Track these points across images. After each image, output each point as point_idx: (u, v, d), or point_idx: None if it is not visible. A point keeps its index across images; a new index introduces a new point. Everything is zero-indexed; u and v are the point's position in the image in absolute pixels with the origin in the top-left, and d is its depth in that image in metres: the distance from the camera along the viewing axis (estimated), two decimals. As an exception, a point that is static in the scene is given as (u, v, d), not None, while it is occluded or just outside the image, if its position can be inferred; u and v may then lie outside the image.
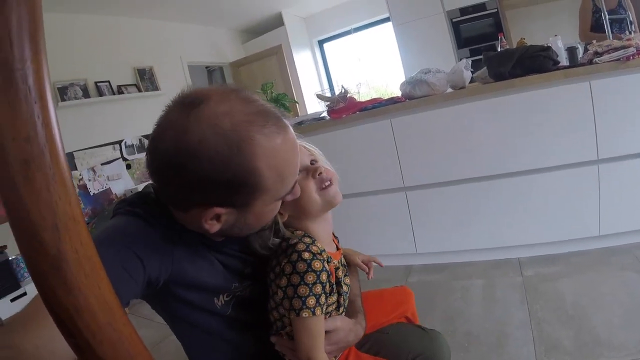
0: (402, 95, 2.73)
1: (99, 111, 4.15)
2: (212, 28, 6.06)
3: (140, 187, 0.99)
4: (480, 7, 5.13)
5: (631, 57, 2.14)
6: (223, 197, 0.71)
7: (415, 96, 2.60)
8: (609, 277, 2.14)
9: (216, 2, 5.26)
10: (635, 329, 1.73)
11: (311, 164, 0.92)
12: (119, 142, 4.29)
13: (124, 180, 4.21)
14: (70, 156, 3.73)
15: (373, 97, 3.13)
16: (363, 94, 5.94)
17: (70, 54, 3.97)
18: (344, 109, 2.77)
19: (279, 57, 6.17)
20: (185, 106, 0.68)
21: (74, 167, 3.78)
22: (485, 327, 2.01)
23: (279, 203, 0.81)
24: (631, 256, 2.26)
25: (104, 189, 3.94)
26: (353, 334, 0.95)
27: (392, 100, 2.74)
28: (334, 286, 0.89)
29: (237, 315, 0.91)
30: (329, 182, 0.90)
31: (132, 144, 4.39)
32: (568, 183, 2.39)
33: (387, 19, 5.88)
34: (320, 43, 7.14)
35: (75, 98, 3.97)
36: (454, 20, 5.27)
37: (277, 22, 6.35)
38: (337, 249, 1.02)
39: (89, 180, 3.84)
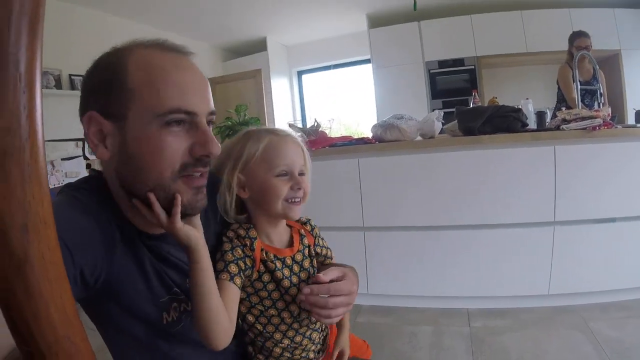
0: (373, 136, 2.77)
1: (68, 104, 3.99)
2: (195, 41, 6.05)
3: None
4: (459, 62, 5.39)
5: (597, 128, 2.26)
6: (99, 97, 0.72)
7: (386, 139, 2.64)
8: (555, 335, 2.18)
9: (206, 17, 5.29)
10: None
11: (299, 174, 0.94)
12: (83, 140, 4.15)
13: (81, 180, 4.05)
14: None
15: (344, 135, 3.15)
16: (334, 130, 6.02)
17: (51, 41, 3.85)
18: (315, 142, 2.76)
19: (256, 80, 6.19)
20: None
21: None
22: (429, 374, 2.00)
23: (164, 139, 0.70)
24: (578, 317, 2.32)
25: (60, 184, 3.79)
26: (351, 281, 0.93)
27: (362, 141, 2.77)
28: (262, 275, 0.91)
29: (183, 331, 0.84)
30: (298, 200, 0.93)
31: (96, 145, 4.25)
32: (523, 241, 2.45)
33: (367, 61, 6.03)
34: (300, 73, 7.24)
35: (47, 87, 3.85)
36: (431, 71, 5.49)
37: (260, 46, 6.42)
38: (295, 244, 0.99)
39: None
